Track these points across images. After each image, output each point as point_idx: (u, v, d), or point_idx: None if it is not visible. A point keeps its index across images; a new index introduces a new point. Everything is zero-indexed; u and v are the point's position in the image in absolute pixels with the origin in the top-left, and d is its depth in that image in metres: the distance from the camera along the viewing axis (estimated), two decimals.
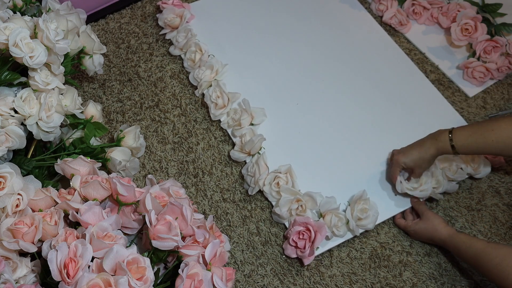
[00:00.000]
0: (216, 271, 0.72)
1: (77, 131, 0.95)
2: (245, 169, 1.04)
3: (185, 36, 1.21)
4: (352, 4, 1.34)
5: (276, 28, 1.29)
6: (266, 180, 1.01)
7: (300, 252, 0.94)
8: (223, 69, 1.16)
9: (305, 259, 0.94)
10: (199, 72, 1.16)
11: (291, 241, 0.95)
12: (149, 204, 0.75)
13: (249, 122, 1.09)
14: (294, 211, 0.98)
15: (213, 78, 1.15)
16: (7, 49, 0.81)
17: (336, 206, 0.98)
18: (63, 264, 0.65)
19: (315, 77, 1.21)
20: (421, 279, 0.96)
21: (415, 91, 1.19)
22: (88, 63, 1.03)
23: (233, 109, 1.11)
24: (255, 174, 1.01)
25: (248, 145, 1.03)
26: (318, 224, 0.94)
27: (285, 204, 0.98)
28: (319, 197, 0.99)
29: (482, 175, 1.05)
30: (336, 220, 0.96)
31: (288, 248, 0.96)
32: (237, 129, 1.08)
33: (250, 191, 1.02)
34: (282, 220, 1.00)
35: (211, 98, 1.12)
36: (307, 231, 0.94)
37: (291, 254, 0.96)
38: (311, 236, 0.93)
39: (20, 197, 0.74)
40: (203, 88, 1.15)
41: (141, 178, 1.07)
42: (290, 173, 1.01)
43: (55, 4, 0.99)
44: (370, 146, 1.10)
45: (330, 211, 0.97)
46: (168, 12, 1.24)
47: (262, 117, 1.11)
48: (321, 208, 0.98)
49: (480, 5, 1.24)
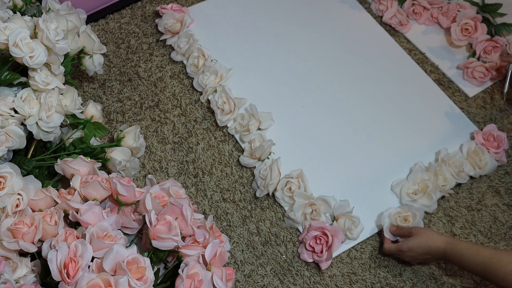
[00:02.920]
0: (216, 271, 0.72)
1: (77, 131, 0.95)
2: (258, 170, 1.04)
3: (186, 42, 1.20)
4: (352, 5, 1.34)
5: (276, 31, 1.28)
6: (278, 186, 1.01)
7: (317, 256, 0.94)
8: (227, 74, 1.15)
9: (322, 263, 0.94)
10: (203, 78, 1.15)
11: (308, 246, 0.95)
12: (149, 204, 0.75)
13: (257, 127, 1.09)
14: (309, 215, 0.98)
15: (218, 84, 1.15)
16: (7, 49, 0.81)
17: (349, 209, 0.98)
18: (63, 264, 0.65)
19: (318, 78, 1.20)
20: (421, 279, 0.96)
21: (419, 90, 1.19)
22: (88, 63, 1.03)
23: (240, 115, 1.10)
24: (266, 178, 1.01)
25: (258, 151, 1.03)
26: (334, 229, 0.94)
27: (299, 208, 0.98)
28: (332, 201, 0.99)
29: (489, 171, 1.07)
30: (350, 223, 0.97)
31: (304, 253, 0.96)
32: (245, 134, 1.08)
33: (258, 193, 1.02)
34: (295, 225, 0.99)
35: (217, 104, 1.11)
36: (324, 235, 0.94)
37: (307, 259, 0.96)
38: (328, 241, 0.93)
39: (20, 197, 0.74)
40: (208, 94, 1.15)
41: (141, 178, 1.07)
42: (302, 177, 1.01)
43: (55, 4, 0.98)
44: (377, 146, 1.10)
45: (344, 214, 0.97)
46: (168, 18, 1.22)
47: (269, 122, 1.10)
48: (335, 211, 0.98)
49: (480, 5, 1.24)
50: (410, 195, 1.01)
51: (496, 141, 1.08)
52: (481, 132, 1.09)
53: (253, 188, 1.05)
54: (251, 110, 1.09)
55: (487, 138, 1.08)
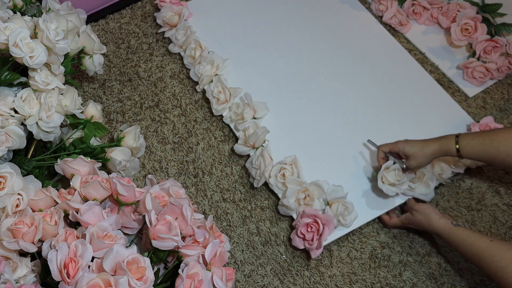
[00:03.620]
0: (216, 271, 0.72)
1: (77, 131, 0.95)
2: (249, 163, 1.04)
3: (184, 34, 1.22)
4: (351, 4, 1.34)
5: (274, 24, 1.29)
6: (272, 172, 1.01)
7: (308, 244, 0.94)
8: (223, 64, 1.16)
9: (312, 251, 0.94)
10: (199, 68, 1.16)
11: (299, 233, 0.95)
12: (149, 204, 0.75)
13: (252, 116, 1.09)
14: (302, 201, 0.98)
15: (214, 73, 1.15)
16: (7, 49, 0.81)
17: (343, 194, 0.98)
18: (63, 264, 0.65)
19: (315, 70, 1.21)
20: (421, 279, 0.96)
21: (414, 82, 1.20)
22: (88, 63, 1.03)
23: (235, 104, 1.12)
24: (260, 166, 1.02)
25: (252, 138, 1.03)
26: (326, 217, 0.94)
27: (292, 194, 0.98)
28: (325, 185, 0.99)
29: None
30: (343, 209, 0.96)
31: (296, 239, 0.96)
32: (240, 123, 1.09)
33: (255, 184, 1.02)
34: (290, 212, 0.99)
35: (213, 93, 1.13)
36: (315, 223, 0.94)
37: (298, 245, 0.96)
38: (319, 229, 0.93)
39: (20, 197, 0.74)
40: (204, 83, 1.15)
41: (141, 178, 1.07)
42: (296, 164, 1.01)
43: (55, 4, 0.99)
44: (371, 135, 1.11)
45: (337, 199, 0.98)
46: (167, 10, 1.24)
47: (264, 111, 1.11)
48: (328, 196, 0.99)
49: (480, 5, 1.24)
50: (408, 183, 1.01)
51: None
52: (478, 124, 1.10)
53: (250, 181, 1.05)
54: (246, 99, 1.09)
55: (483, 129, 1.09)
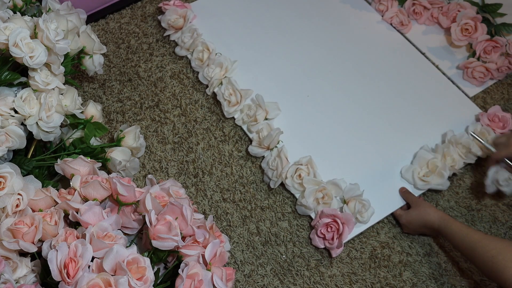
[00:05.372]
0: (216, 271, 0.72)
1: (77, 131, 0.95)
2: (265, 163, 1.05)
3: (190, 36, 1.22)
4: (355, 2, 1.34)
5: (279, 24, 1.29)
6: (288, 173, 1.02)
7: (328, 243, 0.96)
8: (232, 66, 1.17)
9: (333, 250, 0.96)
10: (208, 71, 1.16)
11: (319, 233, 0.97)
12: (149, 204, 0.75)
13: (264, 117, 1.10)
14: (321, 200, 0.99)
15: (223, 76, 1.16)
16: (7, 49, 0.81)
17: (360, 192, 0.99)
18: (63, 264, 0.65)
19: (322, 68, 1.22)
20: (421, 279, 0.96)
21: (422, 76, 1.21)
22: (88, 63, 1.03)
23: (247, 105, 1.12)
24: (277, 167, 1.02)
25: (266, 140, 1.04)
26: (345, 216, 0.95)
27: (310, 194, 0.99)
28: (342, 183, 1.01)
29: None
30: (360, 206, 0.97)
31: (316, 239, 0.98)
32: (253, 124, 1.09)
33: (272, 185, 1.03)
34: (308, 212, 1.00)
35: (224, 95, 1.13)
36: (335, 223, 0.95)
37: (319, 245, 0.97)
38: (339, 229, 0.94)
39: (20, 197, 0.74)
40: (214, 86, 1.15)
41: (141, 178, 1.07)
42: (311, 164, 1.02)
43: (55, 4, 0.99)
44: (382, 132, 1.12)
45: (354, 197, 0.99)
46: (171, 13, 1.24)
47: (276, 111, 1.12)
48: (345, 194, 1.00)
49: (480, 5, 1.24)
50: (423, 178, 1.03)
51: (501, 121, 1.09)
52: (486, 114, 1.11)
53: (265, 181, 1.05)
54: (257, 100, 1.10)
55: (492, 119, 1.10)
